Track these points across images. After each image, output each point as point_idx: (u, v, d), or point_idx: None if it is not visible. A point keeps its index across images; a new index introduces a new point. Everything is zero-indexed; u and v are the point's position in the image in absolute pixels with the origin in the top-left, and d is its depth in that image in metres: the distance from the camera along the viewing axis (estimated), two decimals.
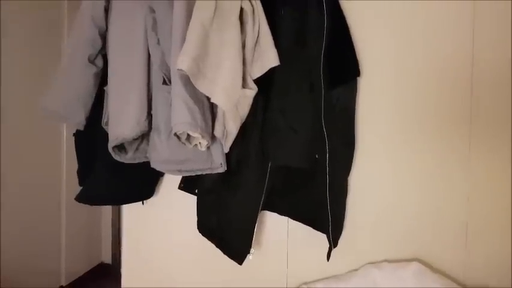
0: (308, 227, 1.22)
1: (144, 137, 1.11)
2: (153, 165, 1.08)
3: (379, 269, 1.20)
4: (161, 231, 1.42)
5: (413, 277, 1.15)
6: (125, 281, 1.45)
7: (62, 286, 2.38)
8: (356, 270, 1.24)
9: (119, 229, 2.63)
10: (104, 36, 1.12)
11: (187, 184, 1.25)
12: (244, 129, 1.02)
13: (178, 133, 0.95)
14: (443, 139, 1.21)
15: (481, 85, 1.18)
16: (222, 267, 1.31)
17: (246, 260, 1.12)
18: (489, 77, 1.17)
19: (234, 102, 0.91)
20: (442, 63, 1.19)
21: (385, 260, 1.23)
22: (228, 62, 0.90)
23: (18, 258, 2.00)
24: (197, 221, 1.20)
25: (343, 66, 1.14)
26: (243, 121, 0.99)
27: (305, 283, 1.27)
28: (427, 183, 1.22)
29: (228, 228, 1.14)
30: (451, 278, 1.20)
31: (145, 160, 1.13)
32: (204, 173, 1.07)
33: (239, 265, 1.12)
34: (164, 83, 1.03)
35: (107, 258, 2.78)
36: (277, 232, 1.30)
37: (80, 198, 1.17)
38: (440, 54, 1.19)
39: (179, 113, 0.93)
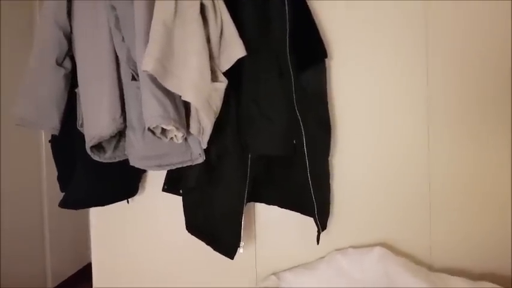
0: (277, 214, 1.27)
1: (121, 134, 1.13)
2: (131, 162, 1.10)
3: (345, 255, 1.25)
4: (139, 231, 1.43)
5: (378, 261, 1.21)
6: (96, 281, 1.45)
7: None
8: (323, 257, 1.29)
9: None
10: (69, 38, 1.12)
11: (171, 185, 1.27)
12: (220, 123, 1.04)
13: (152, 127, 0.97)
14: (404, 119, 1.28)
15: (437, 67, 1.26)
16: (189, 258, 1.36)
17: (237, 254, 1.15)
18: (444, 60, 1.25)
19: (205, 97, 0.93)
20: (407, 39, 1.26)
21: (351, 246, 1.29)
22: (194, 58, 0.92)
23: (2, 261, 2.03)
24: (185, 221, 1.22)
25: (310, 49, 1.17)
26: (217, 115, 1.01)
27: (274, 273, 1.31)
28: (391, 168, 1.29)
29: (215, 225, 1.16)
30: (417, 260, 1.26)
31: (125, 158, 1.15)
32: (185, 165, 1.10)
33: (231, 260, 1.14)
34: (133, 79, 1.05)
35: None
36: (246, 223, 1.32)
37: (64, 204, 1.19)
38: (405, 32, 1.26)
39: (150, 107, 0.95)
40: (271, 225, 1.34)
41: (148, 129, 0.97)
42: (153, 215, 1.42)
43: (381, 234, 1.30)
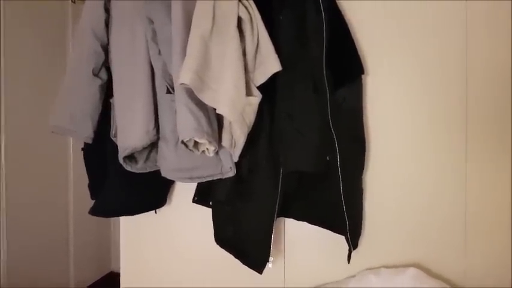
0: (307, 231, 1.27)
1: (153, 145, 1.15)
2: (163, 174, 1.13)
3: (377, 275, 1.23)
4: (167, 241, 1.47)
5: (411, 282, 1.18)
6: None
7: None
8: (353, 276, 1.28)
9: None
10: (106, 49, 1.17)
11: (201, 197, 1.29)
12: (252, 137, 1.05)
13: (185, 140, 0.99)
14: (442, 143, 1.25)
15: (476, 84, 1.22)
16: (216, 271, 1.37)
17: (266, 268, 1.16)
18: (484, 77, 1.22)
19: (239, 111, 0.95)
20: (440, 62, 1.25)
21: (383, 266, 1.27)
22: (230, 71, 0.94)
23: (27, 267, 2.09)
24: (214, 234, 1.24)
25: (346, 65, 1.18)
26: (250, 129, 1.03)
27: None
28: (425, 188, 1.26)
29: (244, 239, 1.17)
30: (450, 283, 1.23)
31: (156, 169, 1.18)
32: (215, 178, 1.11)
33: (259, 274, 1.14)
34: (168, 91, 1.08)
35: (117, 267, 2.84)
36: (275, 238, 1.33)
37: (94, 211, 1.23)
38: (443, 50, 1.24)
39: (184, 120, 0.98)
40: (301, 241, 1.34)
41: (182, 141, 1.00)
42: (181, 226, 1.45)
43: (414, 255, 1.27)
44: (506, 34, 1.20)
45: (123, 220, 1.50)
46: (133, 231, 1.49)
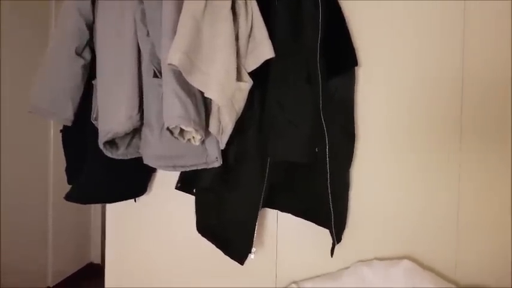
0: (299, 223, 1.25)
1: (136, 131, 1.12)
2: (145, 161, 1.09)
3: (369, 266, 1.23)
4: (150, 231, 1.44)
5: (404, 275, 1.19)
6: (108, 281, 1.48)
7: (48, 287, 2.40)
8: (346, 268, 1.27)
9: None
10: (91, 28, 1.12)
11: (184, 184, 1.26)
12: (241, 124, 1.03)
13: (171, 128, 0.97)
14: (436, 136, 1.25)
15: (472, 85, 1.22)
16: (210, 266, 1.35)
17: (247, 260, 1.14)
18: (480, 77, 1.22)
19: (228, 96, 0.92)
20: (435, 60, 1.24)
21: (376, 258, 1.27)
22: (221, 55, 0.91)
23: (4, 258, 2.03)
24: (196, 222, 1.22)
25: (340, 56, 1.16)
26: (239, 116, 1.01)
27: (294, 282, 1.30)
28: (417, 180, 1.26)
29: (228, 228, 1.16)
30: (442, 275, 1.24)
31: (137, 156, 1.14)
32: (199, 168, 1.08)
33: (240, 265, 1.13)
34: (155, 75, 1.04)
35: (96, 258, 2.80)
36: (267, 230, 1.33)
37: (70, 197, 1.18)
38: (435, 46, 1.24)
39: (171, 107, 0.94)
40: (293, 232, 1.32)
41: (167, 128, 0.97)
42: (163, 215, 1.42)
43: (406, 248, 1.28)
44: (505, 35, 1.20)
45: (109, 210, 1.47)
46: (119, 222, 1.46)
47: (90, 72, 1.14)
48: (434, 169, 1.25)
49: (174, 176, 1.26)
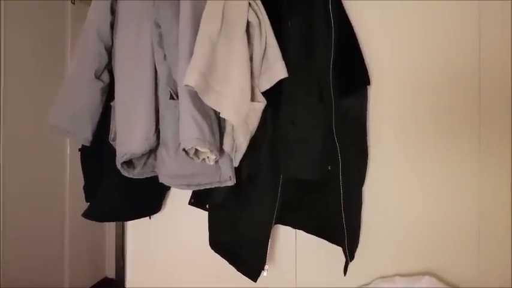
0: (318, 240, 1.23)
1: (151, 151, 1.13)
2: (161, 180, 1.11)
3: (391, 283, 1.21)
4: (167, 247, 1.44)
5: None
6: None
7: None
8: (367, 285, 1.26)
9: (123, 243, 2.67)
10: (109, 51, 1.16)
11: (198, 199, 1.27)
12: (254, 142, 1.04)
13: (186, 148, 0.98)
14: (453, 148, 1.23)
15: (489, 90, 1.20)
16: (228, 283, 1.34)
17: (260, 277, 1.14)
18: (496, 81, 1.20)
19: (243, 116, 0.94)
20: (451, 68, 1.22)
21: (397, 274, 1.25)
22: (236, 75, 0.94)
23: (21, 272, 2.05)
24: (209, 237, 1.22)
25: (353, 74, 1.17)
26: (253, 134, 1.02)
27: None
28: (437, 195, 1.24)
29: (241, 245, 1.16)
30: None
31: (152, 175, 1.16)
32: (213, 186, 1.10)
33: (254, 282, 1.13)
34: (171, 97, 1.07)
35: (111, 273, 2.81)
36: (286, 246, 1.33)
37: (88, 214, 1.20)
38: (449, 60, 1.22)
39: (187, 128, 0.96)
40: (313, 248, 1.31)
41: (183, 149, 0.98)
42: (176, 231, 1.43)
43: (427, 264, 1.25)
44: None
45: (131, 226, 1.48)
46: (140, 237, 1.47)
47: (108, 93, 1.17)
48: (451, 180, 1.23)
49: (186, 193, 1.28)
